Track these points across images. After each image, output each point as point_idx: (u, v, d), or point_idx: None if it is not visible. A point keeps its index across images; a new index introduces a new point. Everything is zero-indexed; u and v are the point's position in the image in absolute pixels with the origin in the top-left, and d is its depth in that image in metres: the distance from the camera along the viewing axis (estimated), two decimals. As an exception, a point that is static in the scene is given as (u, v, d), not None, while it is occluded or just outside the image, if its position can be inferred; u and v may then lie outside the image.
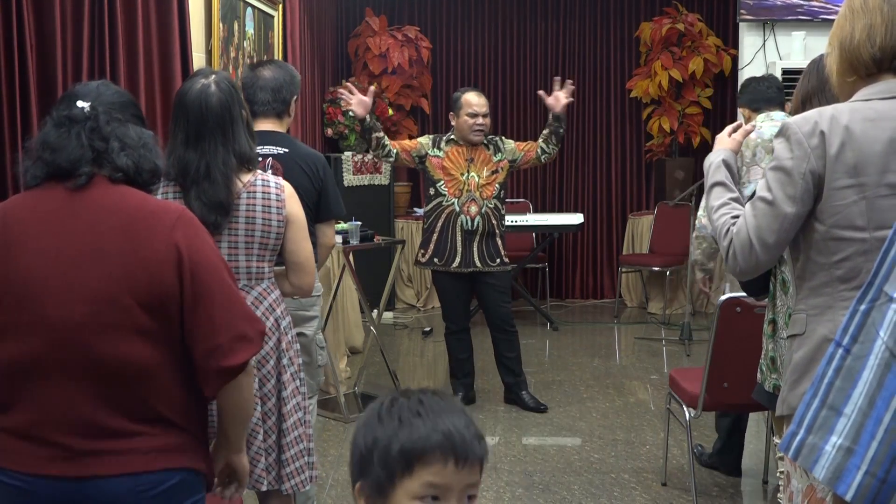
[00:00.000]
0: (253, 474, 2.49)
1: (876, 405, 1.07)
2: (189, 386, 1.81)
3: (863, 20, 1.89)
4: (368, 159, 7.28)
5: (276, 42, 5.61)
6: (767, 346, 2.67)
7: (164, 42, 3.69)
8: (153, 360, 1.74)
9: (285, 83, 3.17)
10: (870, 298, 1.13)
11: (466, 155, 4.87)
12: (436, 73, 8.05)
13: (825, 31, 6.08)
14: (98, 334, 1.71)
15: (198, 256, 1.77)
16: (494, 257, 4.90)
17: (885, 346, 1.08)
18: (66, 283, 1.72)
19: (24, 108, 2.84)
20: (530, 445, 4.48)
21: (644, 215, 7.83)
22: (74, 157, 1.76)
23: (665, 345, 6.62)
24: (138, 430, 1.75)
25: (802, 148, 1.88)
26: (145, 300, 1.72)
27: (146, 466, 1.75)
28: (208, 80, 2.46)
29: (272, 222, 2.50)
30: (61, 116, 1.81)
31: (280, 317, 2.57)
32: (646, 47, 7.74)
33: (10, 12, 2.75)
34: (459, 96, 4.95)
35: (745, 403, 3.43)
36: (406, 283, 7.76)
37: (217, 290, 1.78)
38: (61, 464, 1.73)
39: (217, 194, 2.42)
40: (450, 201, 4.86)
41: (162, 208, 1.81)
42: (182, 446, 1.81)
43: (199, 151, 2.43)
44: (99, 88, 2.01)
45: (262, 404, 2.52)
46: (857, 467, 1.07)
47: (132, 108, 2.02)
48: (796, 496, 1.93)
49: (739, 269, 1.97)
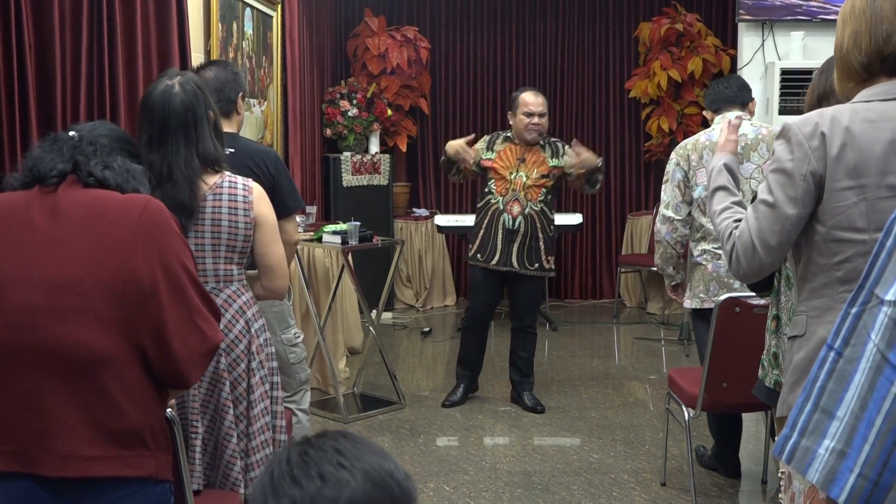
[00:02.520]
0: (229, 478, 2.49)
1: (868, 408, 1.07)
2: (147, 376, 1.80)
3: (850, 27, 1.90)
4: (367, 159, 7.28)
5: (274, 42, 5.61)
6: (770, 342, 2.66)
7: (162, 42, 3.68)
8: (111, 348, 1.73)
9: (227, 81, 3.15)
10: (861, 301, 1.13)
11: (519, 154, 4.86)
12: (435, 73, 8.05)
13: (824, 31, 6.12)
14: (56, 318, 1.71)
15: (162, 248, 1.78)
16: (534, 261, 4.86)
17: (877, 349, 1.08)
18: (28, 270, 1.74)
19: (24, 108, 2.83)
20: (530, 445, 4.48)
21: (643, 215, 7.83)
22: (52, 164, 1.81)
23: (664, 345, 6.62)
24: (92, 434, 1.73)
25: (803, 149, 1.88)
26: (107, 286, 1.72)
27: (101, 472, 1.73)
28: (172, 80, 2.45)
29: (239, 224, 2.48)
30: (49, 137, 1.89)
31: (251, 319, 2.55)
32: (645, 47, 7.74)
33: (9, 12, 2.75)
34: (517, 95, 4.92)
35: (744, 403, 3.44)
36: (405, 283, 7.76)
37: (174, 297, 1.77)
38: (12, 460, 1.72)
39: (180, 195, 2.39)
40: (496, 199, 4.86)
41: (129, 199, 1.82)
42: (135, 457, 1.78)
43: (161, 153, 2.41)
44: (94, 125, 2.04)
45: (234, 407, 2.50)
46: (849, 470, 1.07)
47: (125, 144, 2.05)
48: (798, 497, 1.93)
49: (743, 272, 1.97)
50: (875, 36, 1.86)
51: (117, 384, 1.74)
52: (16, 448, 1.73)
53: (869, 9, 1.87)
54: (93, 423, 1.73)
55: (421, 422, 4.82)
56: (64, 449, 1.72)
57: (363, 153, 7.32)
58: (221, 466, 2.50)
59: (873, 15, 1.86)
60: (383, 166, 7.36)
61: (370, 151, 7.42)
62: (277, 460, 1.08)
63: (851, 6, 1.91)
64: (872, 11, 1.86)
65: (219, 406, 2.49)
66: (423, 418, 4.88)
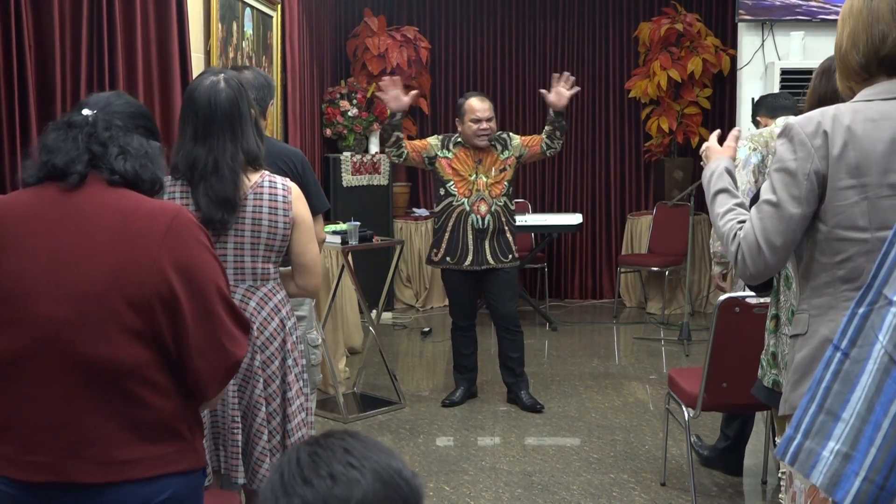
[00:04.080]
0: (258, 474, 2.49)
1: (875, 410, 1.04)
2: (178, 385, 1.78)
3: (848, 27, 1.90)
4: (367, 159, 7.27)
5: (274, 42, 5.60)
6: (769, 342, 2.66)
7: (162, 42, 3.68)
8: (139, 360, 1.71)
9: (263, 86, 3.21)
10: (868, 301, 1.11)
11: (475, 157, 4.92)
12: (434, 73, 8.05)
13: (824, 31, 6.12)
14: (83, 331, 1.68)
15: (189, 262, 1.74)
16: (507, 253, 4.96)
17: (885, 351, 1.05)
18: (55, 279, 1.70)
19: (23, 108, 2.83)
20: (529, 445, 4.48)
21: (643, 215, 7.83)
22: (69, 157, 1.75)
23: (664, 345, 6.62)
24: (127, 437, 1.71)
25: (806, 148, 1.88)
26: (134, 300, 1.69)
27: (139, 474, 1.72)
28: (217, 77, 2.48)
29: (279, 224, 2.50)
30: (61, 122, 1.81)
31: (285, 317, 2.57)
32: (644, 47, 7.73)
33: (9, 12, 2.74)
34: (463, 103, 4.98)
35: (745, 403, 3.44)
36: (405, 283, 7.75)
37: (199, 313, 1.74)
38: (46, 470, 1.69)
39: (224, 189, 2.41)
40: (460, 201, 4.90)
41: (158, 209, 1.77)
42: (175, 453, 1.77)
43: (207, 147, 2.43)
44: (109, 98, 2.00)
45: (266, 405, 2.51)
46: (855, 473, 1.04)
47: (142, 120, 2.00)
48: (799, 496, 1.93)
49: (749, 273, 1.96)
50: (872, 36, 1.86)
51: (149, 387, 1.72)
52: (49, 459, 1.69)
53: (866, 9, 1.87)
54: (128, 427, 1.71)
55: (421, 422, 4.82)
56: (102, 456, 1.70)
57: (363, 153, 7.32)
58: (251, 463, 2.51)
59: (870, 15, 1.86)
60: (383, 166, 7.36)
61: (370, 151, 7.41)
62: (287, 461, 1.09)
63: (850, 6, 1.91)
64: (869, 11, 1.87)
65: (251, 403, 2.50)
66: (423, 418, 4.88)
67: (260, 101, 3.16)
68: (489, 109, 4.91)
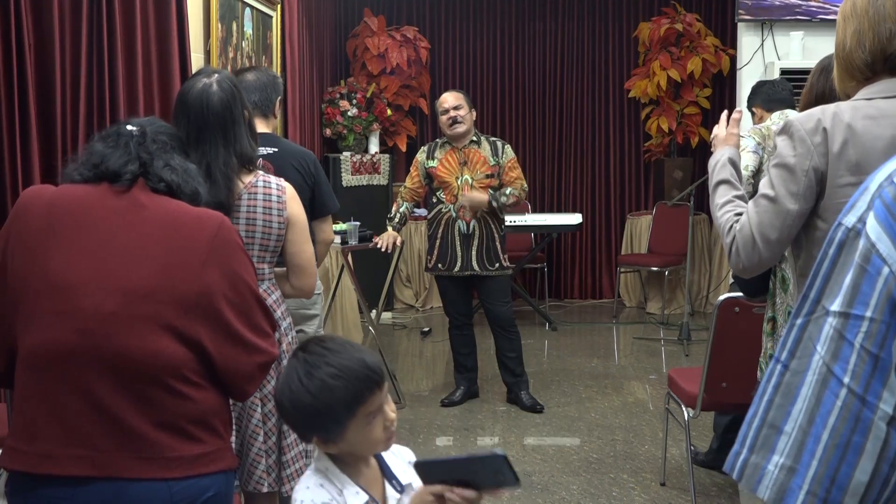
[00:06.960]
0: (253, 476, 2.49)
1: (815, 422, 1.02)
2: (215, 383, 1.81)
3: (853, 25, 1.89)
4: (367, 159, 7.28)
5: (274, 42, 5.60)
6: (767, 345, 2.66)
7: (162, 42, 3.68)
8: (180, 357, 1.73)
9: (268, 83, 3.20)
10: (805, 312, 1.07)
11: (460, 158, 4.92)
12: (434, 73, 8.05)
13: (823, 31, 6.13)
14: (128, 326, 1.71)
15: (232, 267, 1.81)
16: (493, 261, 4.94)
17: (823, 362, 1.03)
18: (103, 275, 1.72)
19: (23, 108, 2.83)
20: (529, 445, 4.48)
21: (643, 215, 7.83)
22: (122, 161, 1.82)
23: (664, 345, 6.62)
24: (170, 434, 1.73)
25: (805, 145, 1.88)
26: (181, 299, 1.73)
27: (182, 472, 1.73)
28: (210, 79, 2.44)
29: (273, 224, 2.50)
30: (109, 132, 1.89)
31: (280, 318, 2.56)
32: (644, 47, 7.74)
33: (9, 12, 2.74)
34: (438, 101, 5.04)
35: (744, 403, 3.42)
36: (405, 283, 7.76)
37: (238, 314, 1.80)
38: (90, 464, 1.70)
39: (218, 195, 2.39)
40: (447, 207, 4.94)
41: (205, 214, 1.85)
42: (215, 451, 1.79)
43: (199, 151, 2.41)
44: (150, 120, 2.05)
45: (261, 406, 2.51)
46: (799, 487, 1.02)
47: (178, 143, 2.04)
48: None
49: (742, 265, 1.97)
50: (879, 34, 1.85)
51: (189, 385, 1.75)
52: (88, 452, 1.70)
53: (871, 7, 1.86)
54: (170, 423, 1.72)
55: (420, 422, 4.82)
56: (143, 451, 1.71)
57: (363, 153, 7.32)
58: (246, 465, 2.50)
59: (876, 13, 1.86)
60: (383, 166, 7.36)
61: (370, 151, 7.42)
62: (293, 372, 1.59)
63: (852, 4, 1.91)
64: (875, 10, 1.86)
65: (246, 405, 2.49)
66: (423, 418, 4.88)
67: (264, 101, 3.17)
68: (457, 98, 4.92)
